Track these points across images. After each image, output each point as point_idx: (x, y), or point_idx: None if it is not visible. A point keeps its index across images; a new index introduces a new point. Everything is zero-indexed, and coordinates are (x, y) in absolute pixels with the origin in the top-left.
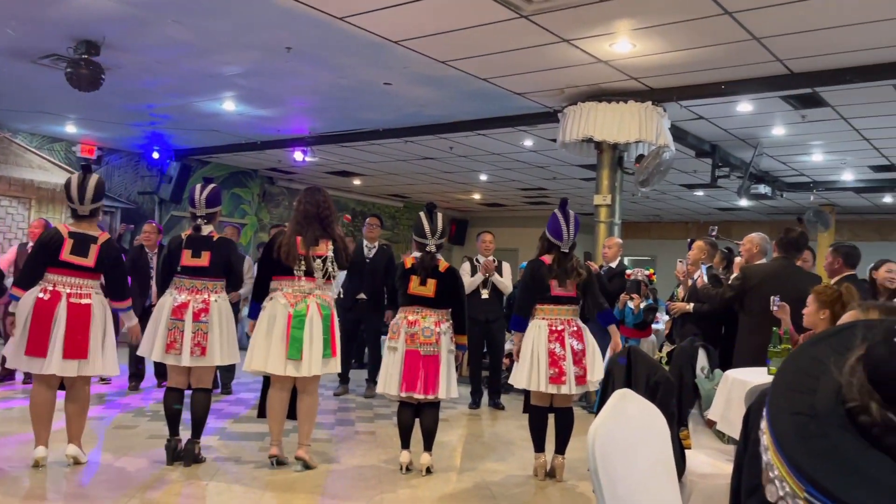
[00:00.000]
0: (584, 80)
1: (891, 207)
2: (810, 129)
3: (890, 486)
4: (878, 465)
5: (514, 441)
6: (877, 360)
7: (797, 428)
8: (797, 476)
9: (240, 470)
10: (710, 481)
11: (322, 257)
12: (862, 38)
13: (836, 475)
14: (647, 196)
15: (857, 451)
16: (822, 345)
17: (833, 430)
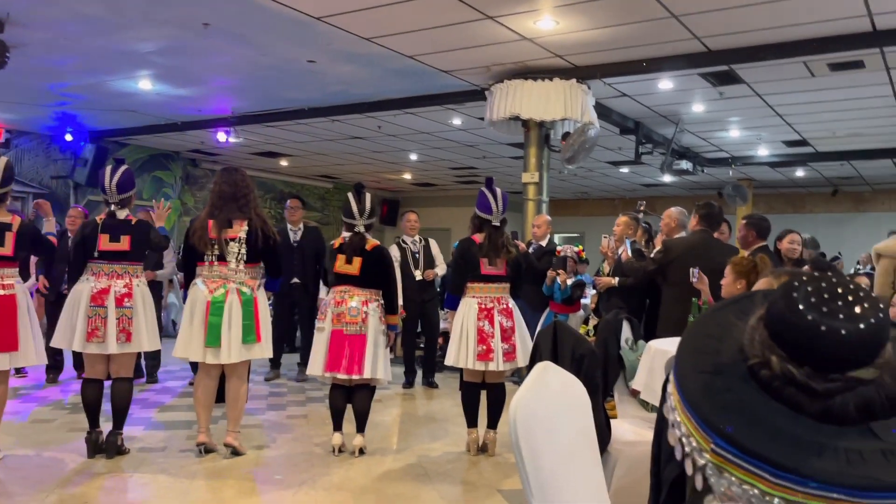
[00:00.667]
0: (509, 57)
1: (803, 181)
2: (728, 105)
3: (789, 433)
4: (779, 415)
5: (447, 418)
6: (776, 315)
7: (703, 385)
8: (704, 429)
9: (166, 459)
10: (635, 449)
11: (235, 239)
12: (774, 16)
13: (742, 425)
14: (575, 173)
15: (760, 402)
16: (725, 310)
17: (737, 384)
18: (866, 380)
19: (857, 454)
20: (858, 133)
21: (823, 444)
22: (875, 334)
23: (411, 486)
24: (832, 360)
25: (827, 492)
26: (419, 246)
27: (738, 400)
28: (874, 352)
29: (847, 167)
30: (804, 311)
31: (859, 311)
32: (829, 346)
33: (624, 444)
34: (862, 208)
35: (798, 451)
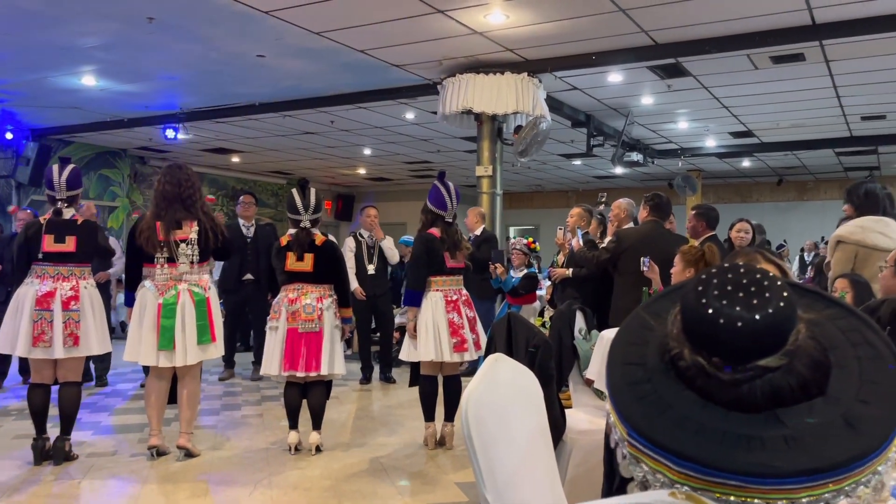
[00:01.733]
0: (460, 51)
1: (749, 171)
2: (676, 97)
3: (695, 420)
4: (689, 404)
5: (404, 413)
6: (686, 307)
7: (626, 376)
8: (622, 420)
9: (117, 464)
10: (589, 437)
11: (186, 241)
12: (717, 9)
13: (651, 415)
14: (528, 166)
15: (674, 392)
16: (659, 302)
17: (657, 374)
18: (773, 367)
19: (758, 441)
20: (801, 124)
21: (727, 431)
22: (774, 324)
23: (369, 481)
24: (734, 351)
25: (725, 479)
26: (375, 241)
27: (655, 391)
28: (777, 340)
29: (791, 157)
30: (707, 303)
31: (757, 301)
32: (728, 336)
33: (579, 433)
34: (806, 197)
35: (700, 440)
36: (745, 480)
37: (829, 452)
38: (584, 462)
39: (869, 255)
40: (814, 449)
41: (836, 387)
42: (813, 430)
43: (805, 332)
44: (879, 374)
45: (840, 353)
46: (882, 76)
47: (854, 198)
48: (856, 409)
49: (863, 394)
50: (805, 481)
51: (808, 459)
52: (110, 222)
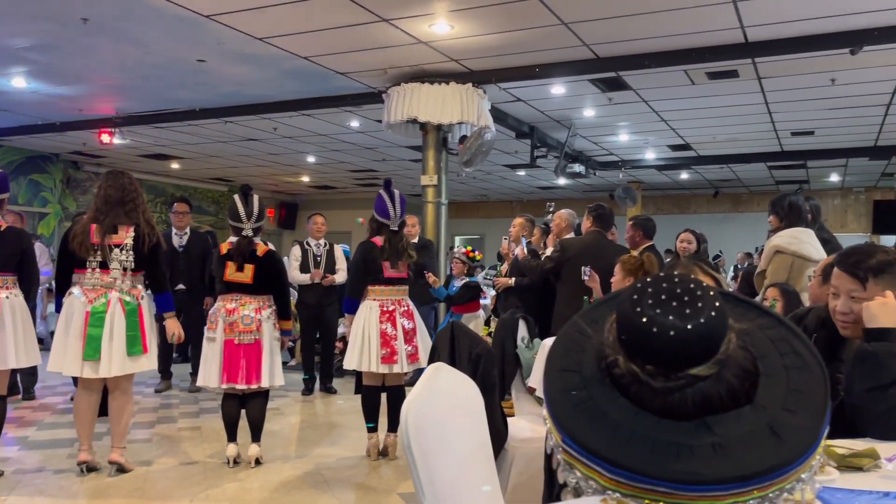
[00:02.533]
0: (406, 60)
1: (687, 183)
2: (617, 110)
3: (628, 427)
4: (623, 411)
5: (347, 424)
6: (621, 316)
7: (563, 383)
8: (557, 427)
9: (45, 480)
10: (531, 445)
11: (120, 246)
12: (656, 26)
13: (585, 422)
14: (473, 176)
15: (608, 400)
16: (596, 309)
17: (592, 382)
18: (704, 376)
19: (687, 449)
20: (735, 138)
21: (657, 439)
22: (706, 333)
23: (309, 494)
24: (667, 359)
25: (654, 486)
26: (322, 250)
27: (589, 397)
28: (708, 349)
29: (726, 170)
30: (641, 311)
31: (690, 311)
32: (661, 345)
33: (520, 442)
34: (740, 209)
35: (631, 447)
36: (673, 487)
37: (753, 461)
38: (526, 470)
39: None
40: (739, 457)
41: (764, 395)
42: (740, 438)
43: (736, 341)
44: (805, 384)
45: (769, 362)
46: (810, 93)
47: (779, 209)
48: (781, 418)
49: (789, 403)
50: (730, 488)
51: (734, 468)
52: (41, 229)
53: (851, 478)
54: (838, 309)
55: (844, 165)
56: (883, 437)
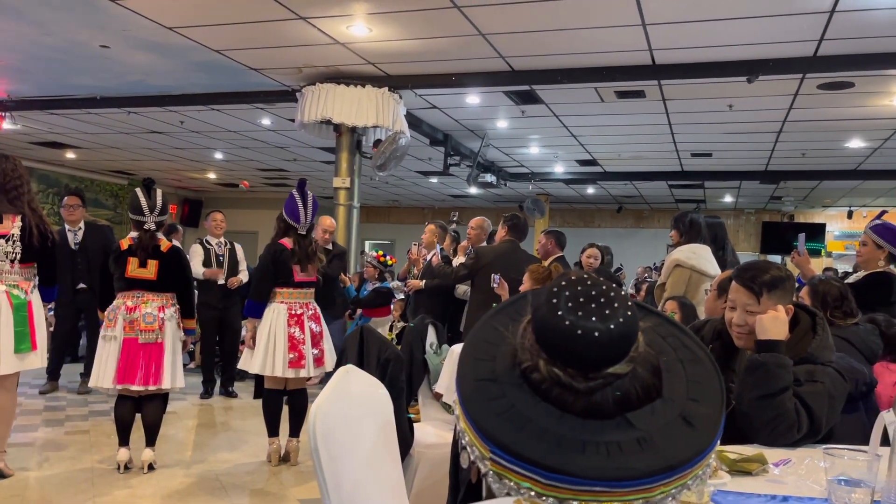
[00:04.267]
0: (322, 60)
1: (593, 198)
2: (529, 123)
3: (555, 433)
4: (546, 416)
5: (247, 428)
6: (540, 320)
7: (480, 392)
8: (482, 438)
9: None
10: (436, 451)
11: (6, 236)
12: (570, 43)
13: (513, 431)
14: (386, 181)
15: (530, 405)
16: (501, 314)
17: (510, 389)
18: (622, 374)
19: (616, 446)
20: (640, 156)
21: (586, 440)
22: (625, 332)
23: (205, 500)
24: (590, 360)
25: (591, 486)
26: (224, 249)
27: (511, 405)
28: (626, 348)
29: (630, 187)
30: (562, 315)
31: (609, 312)
32: (585, 347)
33: (426, 447)
34: (642, 225)
35: (563, 451)
36: (608, 485)
37: (676, 451)
38: (431, 475)
39: (700, 279)
40: (663, 448)
41: (670, 388)
42: (659, 430)
43: (642, 339)
44: (701, 375)
45: (666, 357)
46: (710, 117)
47: (680, 225)
48: (690, 408)
49: (692, 393)
50: (659, 479)
51: (661, 458)
52: None
53: (741, 481)
54: (734, 321)
55: (738, 187)
56: (770, 444)
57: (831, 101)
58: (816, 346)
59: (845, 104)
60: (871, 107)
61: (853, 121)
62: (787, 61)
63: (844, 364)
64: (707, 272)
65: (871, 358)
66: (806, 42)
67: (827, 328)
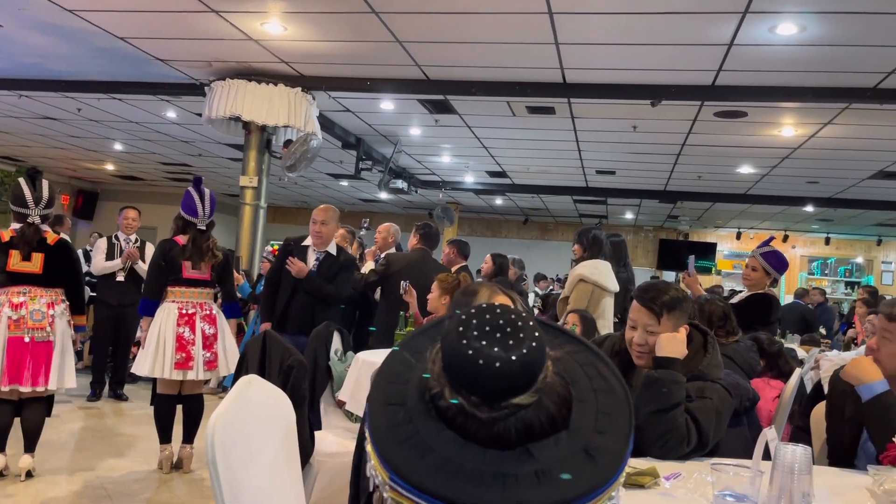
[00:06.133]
0: (233, 55)
1: (501, 209)
2: (442, 132)
3: (456, 462)
4: (449, 445)
5: (137, 434)
6: (446, 347)
7: (388, 418)
8: (383, 464)
9: None
10: (337, 459)
11: None
12: (485, 56)
13: (415, 460)
14: (295, 182)
15: (434, 434)
16: (420, 336)
17: (417, 416)
18: (526, 405)
19: (513, 478)
20: (547, 170)
21: (485, 471)
22: (528, 363)
23: None
24: (492, 390)
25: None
26: (134, 246)
27: (416, 432)
28: (530, 379)
29: (537, 199)
30: (467, 343)
31: (513, 342)
32: (487, 376)
33: (326, 456)
34: (547, 237)
35: (460, 482)
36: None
37: (573, 484)
38: (330, 485)
39: (601, 294)
40: (560, 482)
41: (578, 419)
42: (559, 463)
43: (551, 368)
44: (612, 406)
45: (580, 386)
46: (615, 136)
47: (584, 240)
48: (594, 441)
49: (599, 425)
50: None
51: (557, 492)
52: None
53: (635, 494)
54: (635, 340)
55: (638, 205)
56: (661, 457)
57: (726, 129)
58: (707, 364)
59: (739, 132)
60: (762, 136)
61: (745, 148)
62: (688, 88)
63: (731, 381)
64: (608, 288)
65: (750, 373)
66: (705, 72)
67: (717, 347)
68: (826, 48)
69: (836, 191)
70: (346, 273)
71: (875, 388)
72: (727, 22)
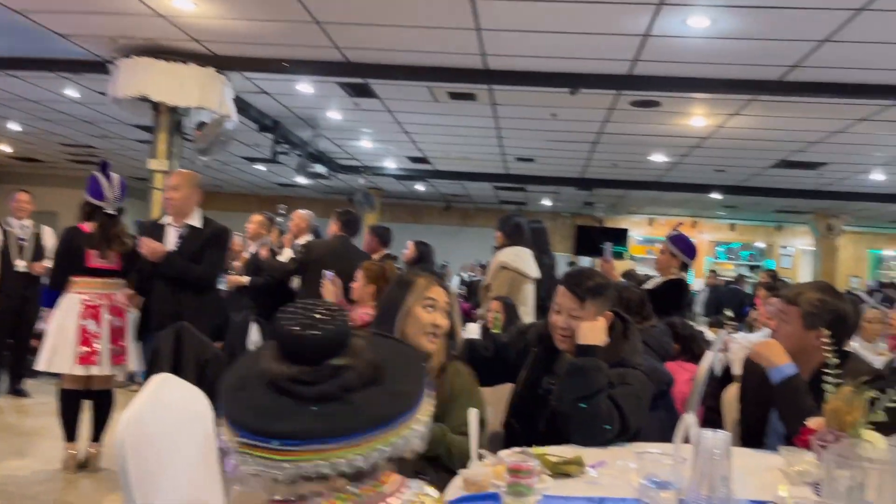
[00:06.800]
0: (140, 32)
1: (422, 194)
2: (362, 117)
3: (289, 411)
4: (282, 403)
5: (40, 432)
6: (278, 331)
7: (228, 388)
8: (229, 424)
9: None
10: None
11: None
12: (407, 40)
13: (247, 412)
14: (209, 165)
15: (265, 395)
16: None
17: (252, 383)
18: (341, 366)
19: (331, 416)
20: (468, 157)
21: (311, 413)
22: (332, 336)
23: None
24: (308, 357)
25: (311, 445)
26: (28, 232)
27: (249, 396)
28: (338, 347)
29: (458, 186)
30: (286, 324)
31: (322, 321)
32: (301, 347)
33: None
34: (468, 223)
35: (292, 421)
36: (324, 442)
37: (380, 413)
38: None
39: (522, 281)
40: (369, 412)
41: (385, 378)
42: (368, 401)
43: (362, 342)
44: (409, 368)
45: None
46: (535, 124)
47: (506, 228)
48: (397, 387)
49: (398, 378)
50: (364, 434)
51: (366, 419)
52: None
53: (564, 484)
54: (559, 324)
55: (556, 192)
56: (586, 443)
57: (641, 118)
58: (628, 351)
59: (652, 121)
60: (674, 125)
61: (658, 137)
62: (605, 78)
63: (650, 366)
64: (529, 275)
65: (664, 357)
66: (622, 61)
67: (637, 334)
68: (735, 41)
69: (741, 179)
70: (214, 249)
71: (784, 371)
72: (643, 13)
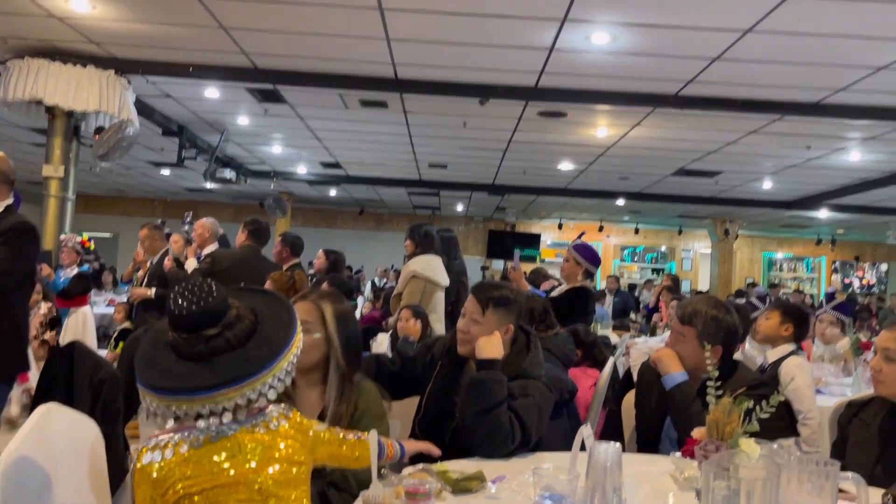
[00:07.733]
0: (32, 33)
1: (336, 200)
2: (272, 122)
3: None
4: (175, 363)
5: None
6: (168, 307)
7: (139, 359)
8: (142, 385)
9: None
10: None
11: None
12: (316, 47)
13: (152, 372)
14: (111, 170)
15: (164, 357)
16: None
17: (158, 350)
18: (212, 334)
19: (199, 375)
20: (382, 163)
21: (194, 373)
22: (208, 309)
23: None
24: (187, 326)
25: (181, 396)
26: None
27: (153, 358)
28: (212, 319)
29: (371, 191)
30: (175, 302)
31: (198, 299)
32: (180, 318)
33: None
34: (382, 228)
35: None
36: (189, 394)
37: (232, 372)
38: None
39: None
40: (224, 373)
41: (251, 341)
42: (226, 365)
43: (242, 311)
44: (277, 333)
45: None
46: (447, 132)
47: (416, 236)
48: (252, 352)
49: (259, 343)
50: (239, 382)
51: (217, 377)
52: None
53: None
54: (459, 326)
55: (469, 198)
56: (488, 455)
57: (548, 128)
58: (529, 363)
59: (559, 131)
60: (580, 135)
61: (565, 146)
62: (513, 89)
63: (552, 375)
64: (439, 283)
65: (567, 364)
66: (530, 73)
67: (539, 346)
68: (634, 57)
69: (644, 186)
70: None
71: (676, 378)
72: (548, 28)
